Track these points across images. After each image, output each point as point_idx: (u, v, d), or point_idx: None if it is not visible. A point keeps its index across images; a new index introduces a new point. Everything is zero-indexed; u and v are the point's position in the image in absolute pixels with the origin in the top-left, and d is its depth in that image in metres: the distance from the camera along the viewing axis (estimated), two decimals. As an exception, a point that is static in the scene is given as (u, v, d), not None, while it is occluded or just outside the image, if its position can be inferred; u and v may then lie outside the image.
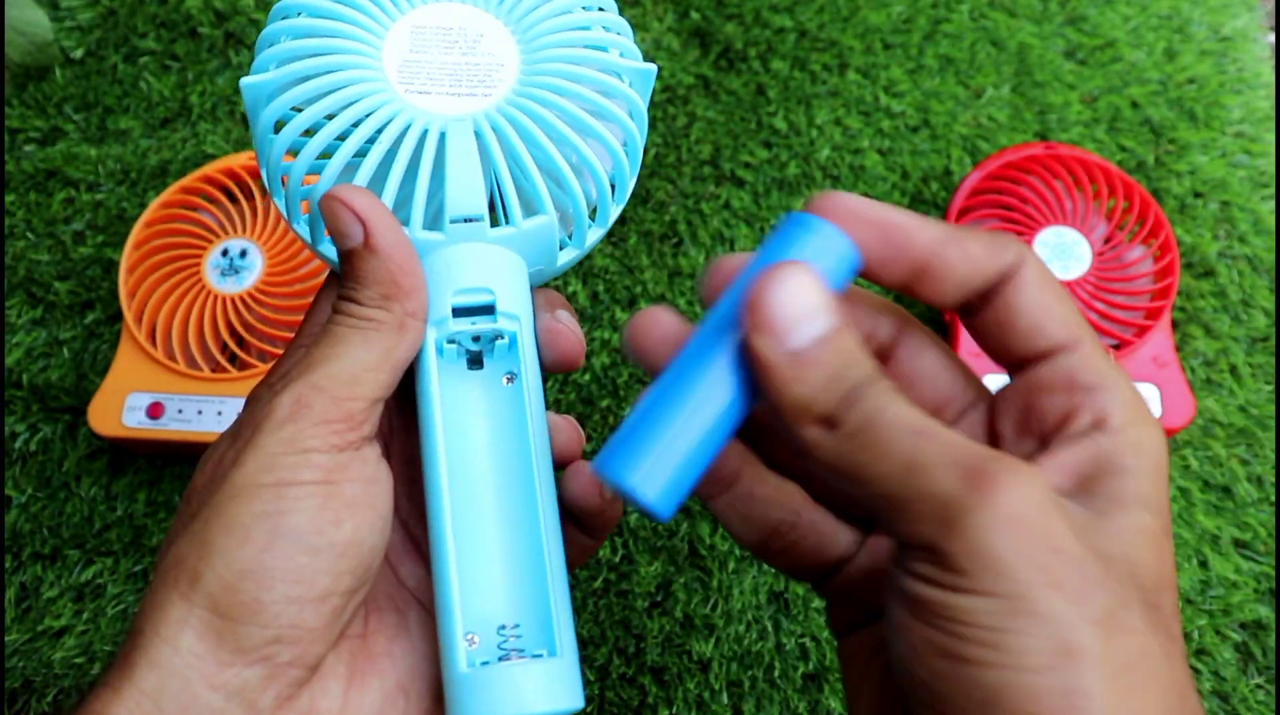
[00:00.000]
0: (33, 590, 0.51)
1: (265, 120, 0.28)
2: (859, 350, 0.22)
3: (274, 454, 0.25)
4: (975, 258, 0.24)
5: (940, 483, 0.21)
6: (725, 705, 0.48)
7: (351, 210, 0.26)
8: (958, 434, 0.22)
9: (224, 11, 0.65)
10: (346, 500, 0.25)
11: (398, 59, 0.29)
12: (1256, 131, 0.61)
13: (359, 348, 0.26)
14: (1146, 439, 0.23)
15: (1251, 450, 0.53)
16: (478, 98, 0.29)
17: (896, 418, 0.21)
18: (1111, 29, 0.64)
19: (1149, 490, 0.23)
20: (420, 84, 0.29)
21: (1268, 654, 0.49)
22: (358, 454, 0.26)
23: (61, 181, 0.60)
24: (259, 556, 0.24)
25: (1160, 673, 0.21)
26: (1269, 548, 0.51)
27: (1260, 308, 0.56)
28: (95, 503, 0.53)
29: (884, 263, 0.24)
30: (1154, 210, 0.54)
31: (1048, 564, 0.20)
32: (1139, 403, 0.24)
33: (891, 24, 0.65)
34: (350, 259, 0.27)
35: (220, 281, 0.53)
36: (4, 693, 0.49)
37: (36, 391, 0.55)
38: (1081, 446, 0.24)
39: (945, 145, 0.61)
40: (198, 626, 0.24)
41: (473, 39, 0.30)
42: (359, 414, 0.26)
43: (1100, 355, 0.24)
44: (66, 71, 0.64)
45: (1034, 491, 0.21)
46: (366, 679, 0.27)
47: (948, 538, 0.21)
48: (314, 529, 0.25)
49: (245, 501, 0.24)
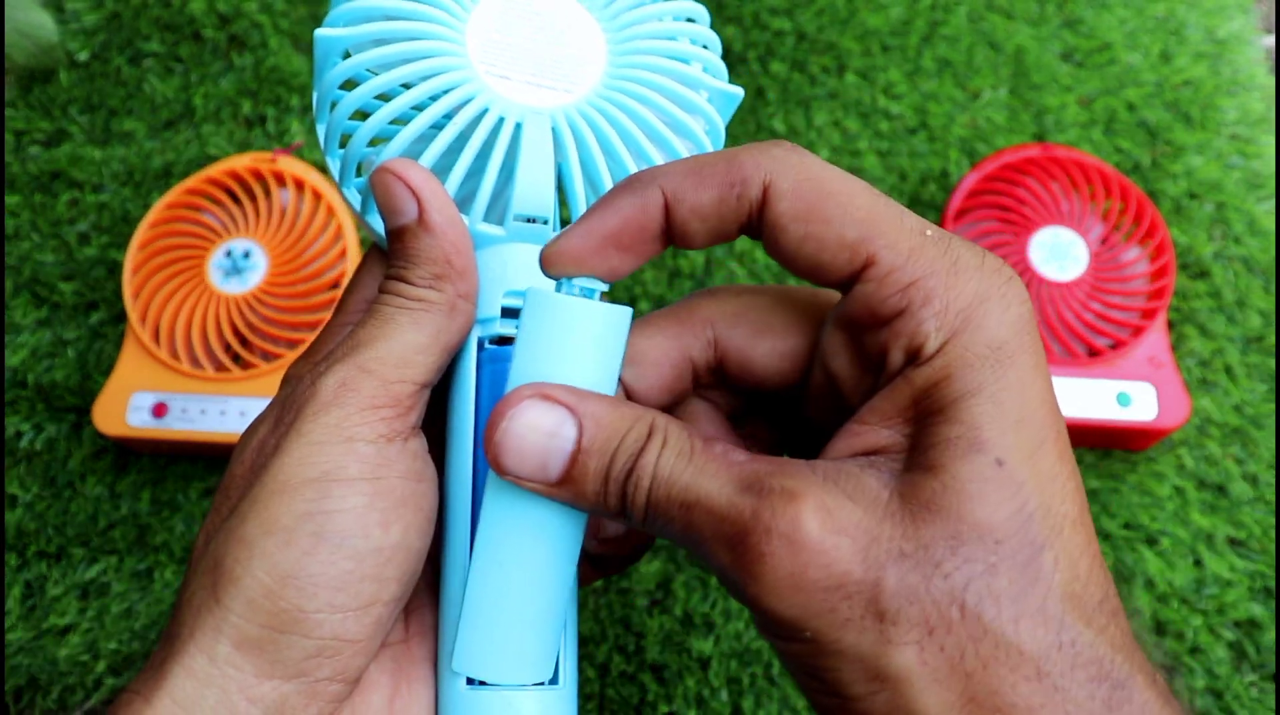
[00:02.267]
0: (38, 588, 0.51)
1: (335, 76, 0.27)
2: (616, 428, 0.22)
3: (318, 442, 0.23)
4: (704, 207, 0.23)
5: (720, 530, 0.21)
6: (725, 702, 0.48)
7: (407, 185, 0.25)
8: (731, 469, 0.21)
9: (227, 14, 0.66)
10: (394, 499, 0.24)
11: (482, 35, 0.27)
12: (1252, 133, 0.61)
13: (408, 329, 0.24)
14: (975, 344, 0.21)
15: (1246, 449, 0.54)
16: (557, 92, 0.27)
17: (670, 478, 0.22)
18: (1108, 31, 0.65)
19: (983, 415, 0.21)
20: (501, 67, 0.27)
21: (1262, 652, 0.49)
22: (405, 447, 0.24)
23: (66, 183, 0.61)
24: (301, 561, 0.23)
25: (997, 652, 0.20)
26: (1263, 546, 0.51)
27: (1255, 308, 0.57)
28: (99, 502, 0.53)
29: (635, 257, 0.24)
30: (1150, 211, 0.55)
31: (832, 606, 0.20)
32: (962, 293, 0.21)
33: (890, 26, 0.65)
34: (401, 237, 0.25)
35: (224, 282, 0.53)
36: (8, 690, 0.49)
37: (41, 391, 0.55)
38: (899, 391, 0.22)
39: (943, 147, 0.61)
40: (234, 635, 0.22)
41: (560, 29, 0.28)
42: (406, 399, 0.24)
43: (903, 256, 0.22)
44: (71, 74, 0.64)
45: (802, 527, 0.20)
46: (412, 687, 0.26)
47: (748, 588, 0.21)
48: (361, 531, 0.23)
49: (288, 499, 0.23)
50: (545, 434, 0.22)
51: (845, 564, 0.20)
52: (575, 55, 0.28)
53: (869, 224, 0.22)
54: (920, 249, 0.22)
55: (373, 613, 0.23)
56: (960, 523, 0.20)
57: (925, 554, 0.20)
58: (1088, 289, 0.53)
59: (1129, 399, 0.51)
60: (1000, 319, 0.21)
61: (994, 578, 0.20)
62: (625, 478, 0.22)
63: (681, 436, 0.22)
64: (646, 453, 0.22)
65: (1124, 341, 0.52)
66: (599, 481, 0.22)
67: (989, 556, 0.20)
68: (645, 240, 0.24)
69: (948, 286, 0.22)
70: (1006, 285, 0.22)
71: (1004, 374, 0.21)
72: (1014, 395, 0.21)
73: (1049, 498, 0.21)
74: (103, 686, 0.49)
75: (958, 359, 0.21)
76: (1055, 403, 0.22)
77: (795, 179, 0.22)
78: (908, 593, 0.20)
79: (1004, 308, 0.22)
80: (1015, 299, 0.22)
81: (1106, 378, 0.51)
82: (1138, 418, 0.50)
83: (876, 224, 0.22)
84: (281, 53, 0.64)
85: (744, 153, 0.23)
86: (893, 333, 0.22)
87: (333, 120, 0.27)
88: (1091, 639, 0.20)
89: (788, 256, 0.23)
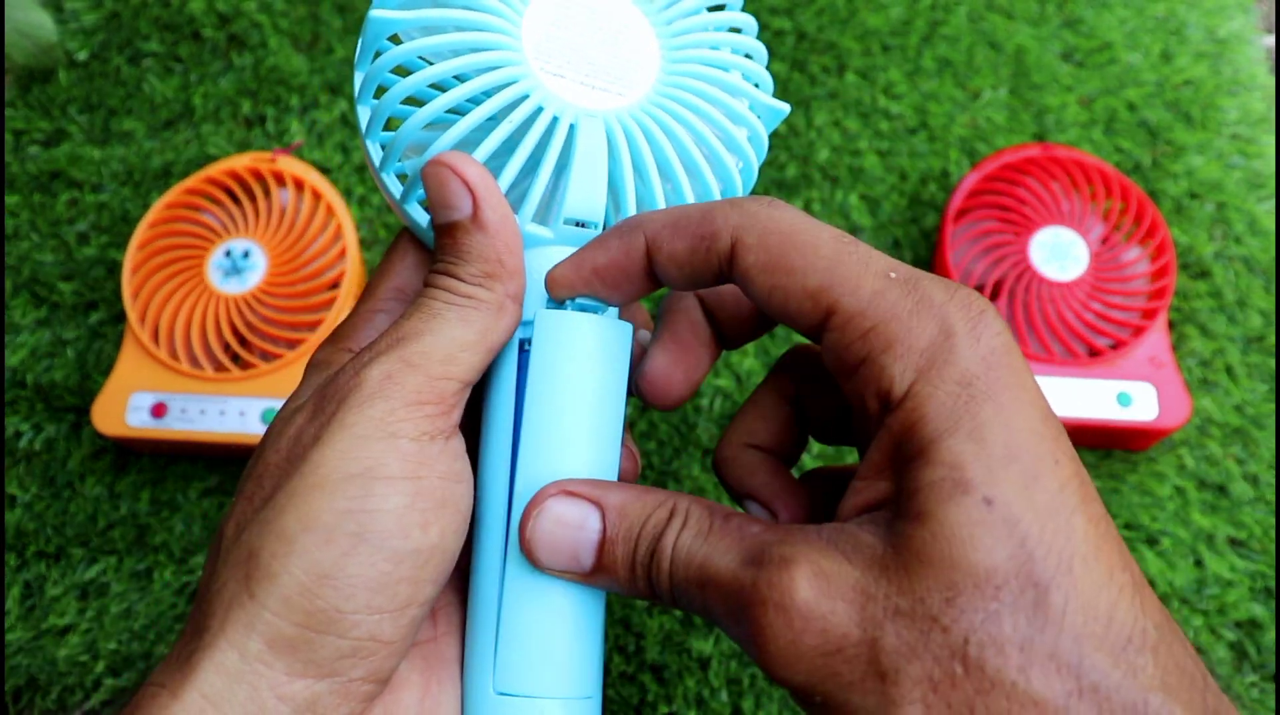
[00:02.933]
0: (37, 589, 0.51)
1: (386, 61, 0.26)
2: (638, 515, 0.24)
3: (361, 436, 0.23)
4: (680, 256, 0.24)
5: (729, 604, 0.22)
6: (724, 703, 0.48)
7: (463, 180, 0.25)
8: (742, 541, 0.22)
9: (227, 14, 0.65)
10: (434, 500, 0.23)
11: (539, 30, 0.27)
12: (1252, 133, 0.61)
13: (456, 325, 0.24)
14: (944, 381, 0.21)
15: (1247, 449, 0.54)
16: (610, 95, 0.27)
17: (687, 557, 0.23)
18: (1108, 31, 0.65)
19: (964, 454, 0.20)
20: (556, 64, 0.27)
21: (1263, 652, 0.49)
22: (446, 446, 0.24)
23: (66, 183, 0.61)
24: (341, 561, 0.22)
25: (1014, 692, 0.19)
26: (1264, 546, 0.51)
27: (1256, 308, 0.57)
28: (99, 502, 0.53)
29: (623, 292, 0.26)
30: (1150, 211, 0.55)
31: (834, 669, 0.20)
32: (925, 332, 0.21)
33: (890, 26, 0.65)
34: (453, 232, 0.25)
35: (223, 282, 0.53)
36: (7, 691, 0.49)
37: (41, 391, 0.55)
38: (882, 439, 0.22)
39: (943, 147, 0.61)
40: (267, 632, 0.22)
41: (617, 29, 0.28)
42: (451, 396, 0.24)
43: (864, 301, 0.22)
44: (70, 74, 0.64)
45: (794, 594, 0.20)
46: (442, 685, 0.26)
47: (758, 658, 0.21)
48: (401, 532, 0.23)
49: (329, 495, 0.22)
50: (573, 527, 0.24)
51: (842, 627, 0.20)
52: (629, 58, 0.28)
53: (830, 272, 0.22)
54: (882, 293, 0.22)
55: (409, 614, 0.23)
56: (954, 571, 0.19)
57: (921, 608, 0.20)
58: (1088, 289, 0.53)
59: (1129, 399, 0.51)
60: (970, 353, 0.21)
61: (997, 626, 0.19)
62: (649, 561, 0.23)
63: (701, 515, 0.23)
64: (666, 535, 0.23)
65: (1124, 341, 0.52)
66: (628, 567, 0.24)
67: (989, 604, 0.19)
68: (631, 278, 0.25)
69: (909, 328, 0.21)
70: (976, 318, 0.21)
71: (980, 408, 0.20)
72: (997, 429, 0.20)
73: (1050, 534, 0.20)
74: (102, 687, 0.49)
75: (928, 398, 0.21)
76: (1053, 432, 0.21)
77: (761, 232, 0.23)
78: (906, 650, 0.19)
79: (973, 341, 0.21)
80: (987, 331, 0.21)
81: (1107, 378, 0.51)
82: (1138, 418, 0.50)
83: (838, 271, 0.22)
84: (281, 52, 0.64)
85: (719, 207, 0.24)
86: (862, 380, 0.22)
87: (380, 105, 0.27)
88: (1119, 681, 0.19)
89: (762, 306, 0.24)
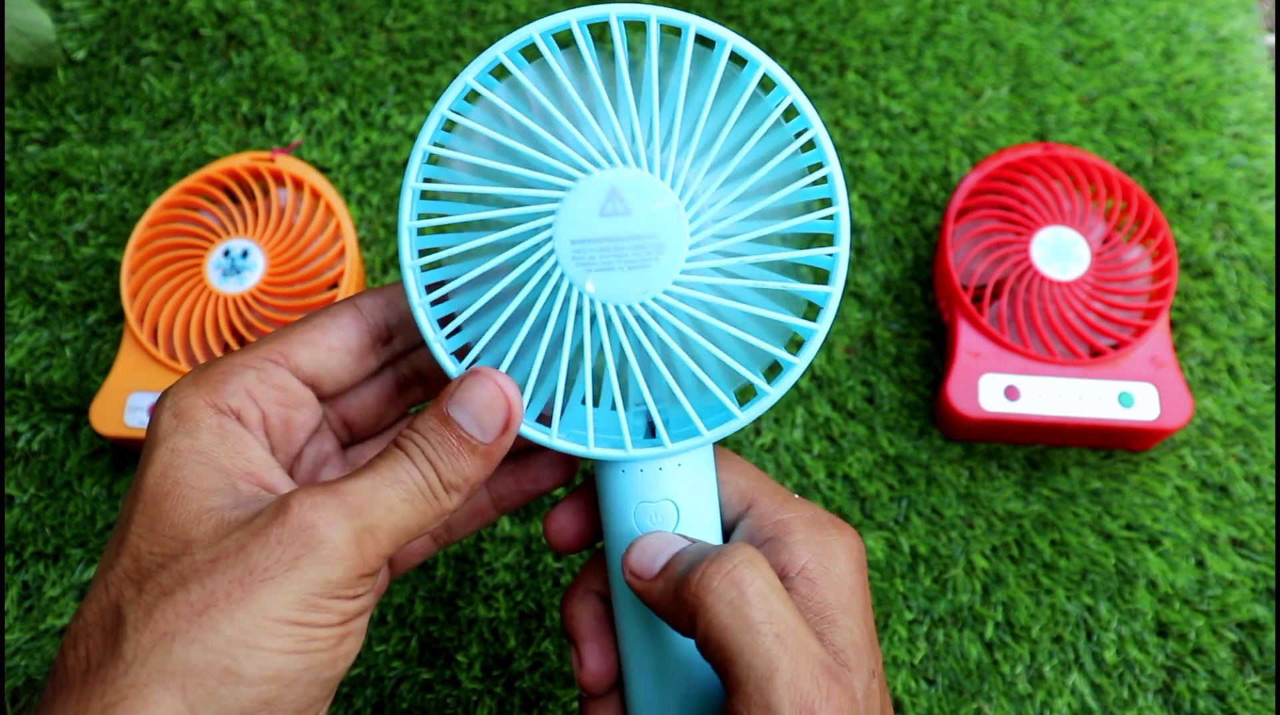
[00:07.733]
0: (35, 589, 0.51)
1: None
2: (676, 552, 0.30)
3: (311, 596, 0.25)
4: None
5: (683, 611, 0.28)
6: (725, 704, 0.48)
7: (507, 413, 0.28)
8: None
9: (225, 13, 0.65)
10: (345, 652, 0.27)
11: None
12: (1254, 132, 0.61)
13: (414, 511, 0.27)
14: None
15: (1249, 450, 0.53)
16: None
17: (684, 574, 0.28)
18: (1110, 30, 0.65)
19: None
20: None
21: (1265, 653, 0.49)
22: (368, 603, 0.28)
23: (64, 182, 0.61)
24: (281, 692, 0.25)
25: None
26: (1266, 547, 0.51)
27: (1258, 308, 0.57)
28: (97, 502, 0.53)
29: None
30: (1152, 211, 0.55)
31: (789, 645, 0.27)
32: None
33: (890, 25, 0.65)
34: (465, 441, 0.28)
35: (222, 281, 0.53)
36: (6, 691, 0.49)
37: (39, 391, 0.55)
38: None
39: (944, 146, 0.61)
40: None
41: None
42: (380, 564, 0.27)
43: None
44: (69, 73, 0.64)
45: (752, 572, 0.27)
46: None
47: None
48: (326, 664, 0.26)
49: (273, 637, 0.25)
50: (659, 549, 0.30)
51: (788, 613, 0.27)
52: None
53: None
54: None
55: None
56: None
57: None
58: (1090, 289, 0.53)
59: (1131, 399, 0.50)
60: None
61: None
62: (674, 578, 0.29)
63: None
64: (670, 559, 0.30)
65: (1126, 341, 0.52)
66: (663, 584, 0.30)
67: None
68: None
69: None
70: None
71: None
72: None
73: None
74: (100, 688, 0.49)
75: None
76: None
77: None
78: None
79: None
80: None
81: (1108, 378, 0.51)
82: (1140, 418, 0.50)
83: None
84: (280, 51, 0.64)
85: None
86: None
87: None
88: None
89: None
